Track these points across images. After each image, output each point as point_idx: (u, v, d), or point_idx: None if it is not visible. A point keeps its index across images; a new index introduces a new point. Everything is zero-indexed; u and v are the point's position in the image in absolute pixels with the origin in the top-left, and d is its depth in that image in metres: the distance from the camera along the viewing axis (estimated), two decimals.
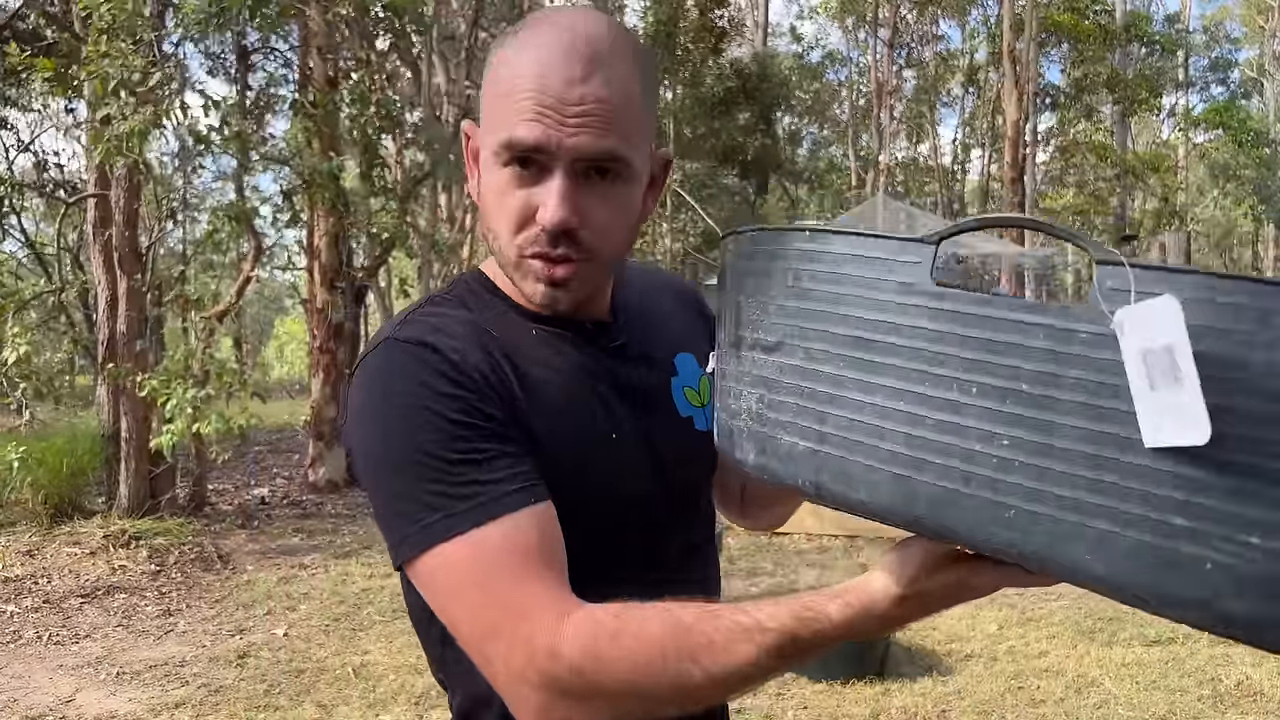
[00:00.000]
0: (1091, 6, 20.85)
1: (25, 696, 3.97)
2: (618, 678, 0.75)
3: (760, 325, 0.75)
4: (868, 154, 25.95)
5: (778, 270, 0.74)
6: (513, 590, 0.78)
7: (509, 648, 0.77)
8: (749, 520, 1.19)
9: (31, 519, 6.50)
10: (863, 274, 0.68)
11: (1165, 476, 0.56)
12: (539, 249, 0.86)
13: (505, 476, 0.81)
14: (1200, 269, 0.56)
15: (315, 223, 8.40)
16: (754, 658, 0.74)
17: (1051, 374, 0.60)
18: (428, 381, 0.82)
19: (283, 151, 6.94)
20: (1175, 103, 29.68)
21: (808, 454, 0.71)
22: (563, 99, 0.82)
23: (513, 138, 0.83)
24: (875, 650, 3.93)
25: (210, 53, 9.11)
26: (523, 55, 0.85)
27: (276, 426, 12.73)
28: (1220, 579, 0.54)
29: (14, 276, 7.65)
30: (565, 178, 0.83)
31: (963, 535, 0.64)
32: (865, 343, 0.67)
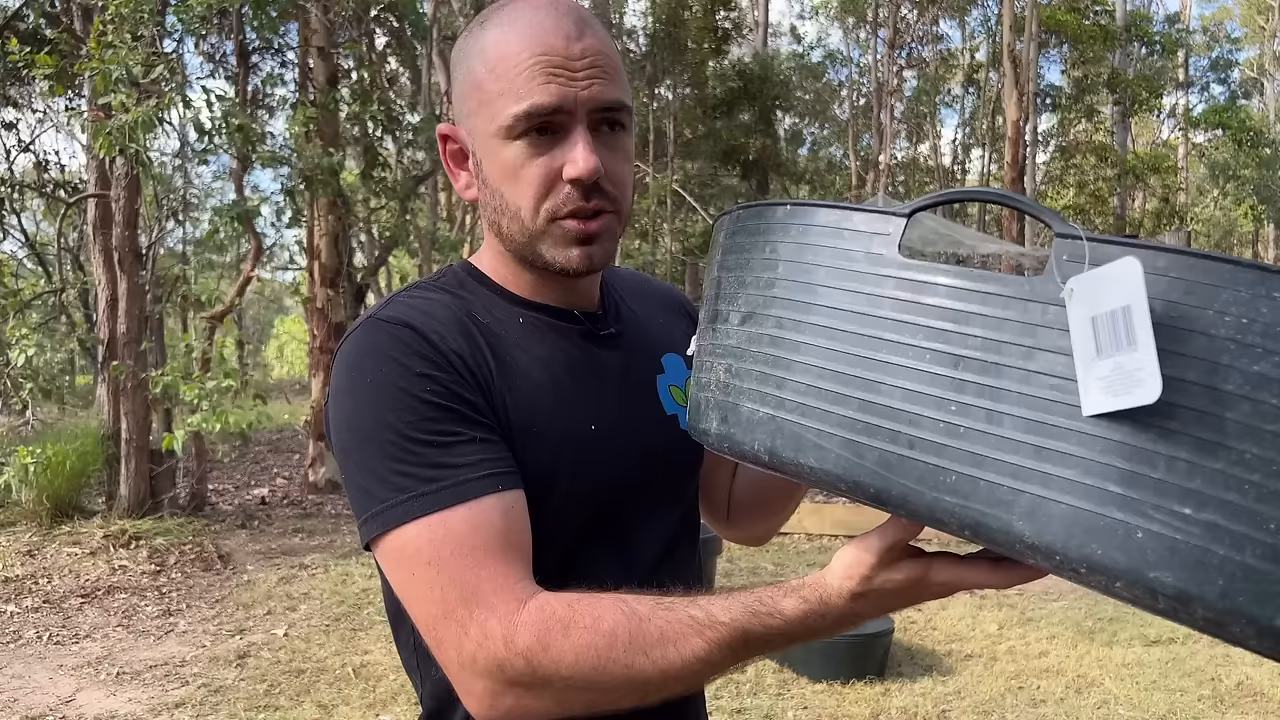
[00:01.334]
0: (1092, 7, 20.85)
1: (25, 696, 3.97)
2: (567, 668, 0.74)
3: (735, 298, 0.76)
4: (868, 154, 25.96)
5: (757, 244, 0.75)
6: (471, 574, 0.77)
7: (461, 631, 0.76)
8: (734, 531, 1.18)
9: (31, 519, 6.50)
10: (835, 245, 0.70)
11: (1109, 445, 0.56)
12: (572, 206, 0.86)
13: (474, 461, 0.80)
14: (1156, 243, 0.57)
15: (315, 222, 8.40)
16: (705, 652, 0.74)
17: (1004, 342, 0.61)
18: (404, 361, 0.82)
19: (283, 149, 6.93)
20: (1175, 103, 29.68)
21: (766, 420, 0.71)
22: (568, 56, 0.84)
23: (532, 105, 0.83)
24: (875, 650, 3.93)
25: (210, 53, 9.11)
26: (509, 33, 0.86)
27: (276, 426, 12.73)
28: (1151, 548, 0.55)
29: (14, 276, 7.63)
30: (586, 130, 0.85)
31: (902, 501, 0.65)
32: (831, 311, 0.69)
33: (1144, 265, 0.56)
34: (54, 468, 6.53)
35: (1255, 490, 0.52)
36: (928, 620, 4.73)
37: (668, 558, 0.97)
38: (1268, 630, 0.53)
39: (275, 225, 7.38)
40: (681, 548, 1.00)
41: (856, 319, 0.67)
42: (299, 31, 8.40)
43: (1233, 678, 3.90)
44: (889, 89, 22.78)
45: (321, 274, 8.58)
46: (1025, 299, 0.61)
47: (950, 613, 4.85)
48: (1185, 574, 0.54)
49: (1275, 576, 0.52)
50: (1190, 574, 0.54)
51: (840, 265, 0.69)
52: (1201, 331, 0.54)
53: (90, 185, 7.43)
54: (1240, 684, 3.85)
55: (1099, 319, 0.57)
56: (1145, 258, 0.56)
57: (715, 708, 3.61)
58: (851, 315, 0.67)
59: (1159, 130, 32.48)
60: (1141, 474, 0.55)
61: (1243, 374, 0.53)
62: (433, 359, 0.83)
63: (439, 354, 0.83)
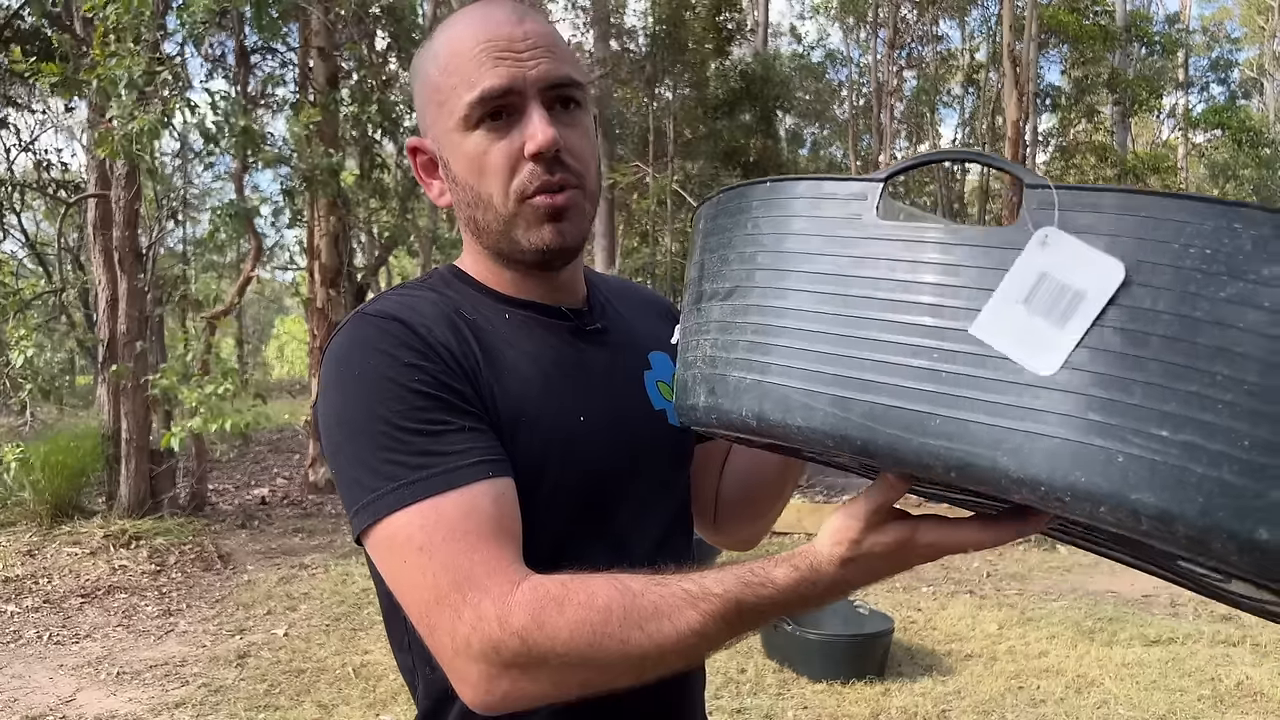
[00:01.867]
0: (1092, 7, 20.85)
1: (25, 696, 3.97)
2: (563, 645, 0.74)
3: (719, 275, 0.78)
4: (868, 154, 25.96)
5: (739, 223, 0.76)
6: (464, 558, 0.77)
7: (455, 615, 0.76)
8: (721, 534, 1.18)
9: (31, 519, 6.50)
10: (815, 214, 0.72)
11: (1086, 376, 0.58)
12: (538, 182, 0.87)
13: (462, 449, 0.81)
14: (1125, 186, 0.61)
15: (315, 223, 8.40)
16: (700, 624, 0.74)
17: (978, 288, 0.63)
18: (391, 352, 0.83)
19: (283, 150, 6.94)
20: (1175, 103, 29.68)
21: (752, 386, 0.73)
22: (512, 39, 0.87)
23: (484, 90, 0.86)
24: (875, 650, 3.93)
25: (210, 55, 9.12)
26: (455, 32, 0.90)
27: (276, 426, 12.73)
28: (1133, 471, 0.56)
29: (14, 276, 7.63)
30: (540, 106, 0.87)
31: (890, 450, 0.66)
32: (813, 275, 0.70)
33: (1116, 204, 0.59)
34: (54, 468, 6.53)
35: (1229, 409, 0.54)
36: (928, 620, 4.73)
37: (661, 551, 0.97)
38: (1247, 545, 0.54)
39: (275, 225, 7.38)
40: (675, 541, 1.01)
41: (839, 280, 0.69)
42: (299, 32, 8.40)
43: (1233, 678, 3.90)
44: (889, 89, 22.78)
45: (322, 274, 8.58)
46: (1001, 246, 0.63)
47: (950, 613, 4.85)
48: (1166, 494, 0.55)
49: (1252, 491, 0.53)
50: (1171, 493, 0.55)
51: (821, 232, 0.71)
52: (1170, 264, 0.57)
53: (90, 185, 7.43)
54: (1240, 684, 3.85)
55: (1050, 280, 0.60)
56: (1114, 200, 0.60)
57: (715, 707, 3.61)
58: (834, 277, 0.69)
59: (1159, 130, 32.48)
60: (1119, 401, 0.57)
61: (1210, 300, 0.55)
62: (420, 349, 0.84)
63: (426, 345, 0.84)
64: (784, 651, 3.98)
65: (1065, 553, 6.18)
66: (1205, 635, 4.44)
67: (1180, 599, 5.11)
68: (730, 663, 3.98)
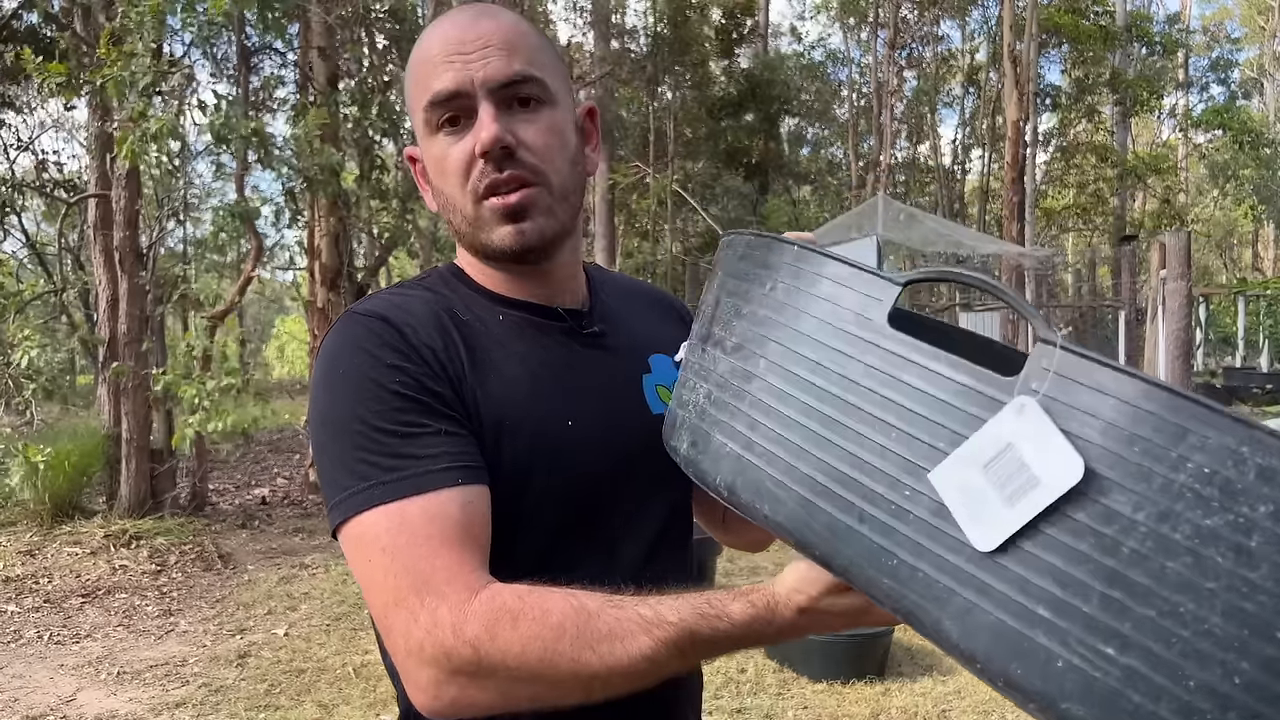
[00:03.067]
0: (1092, 7, 20.85)
1: (26, 696, 3.97)
2: (514, 659, 0.74)
3: (729, 326, 0.77)
4: (868, 154, 25.95)
5: (760, 278, 0.75)
6: (425, 563, 0.77)
7: (411, 618, 0.76)
8: (731, 536, 1.18)
9: (32, 519, 6.50)
10: (832, 300, 0.70)
11: (1046, 568, 0.56)
12: (488, 180, 0.87)
13: (436, 453, 0.81)
14: (1132, 370, 0.56)
15: (316, 223, 8.40)
16: (651, 650, 0.74)
17: (955, 434, 0.60)
18: (374, 353, 0.83)
19: (284, 150, 6.93)
20: (1175, 103, 29.67)
21: (731, 457, 0.72)
22: (462, 40, 0.87)
23: (433, 94, 0.87)
24: (875, 650, 3.93)
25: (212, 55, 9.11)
26: (423, 40, 0.92)
27: (276, 426, 12.73)
28: (1069, 680, 0.55)
29: (14, 277, 7.62)
30: (490, 105, 0.86)
31: (842, 569, 0.66)
32: (814, 366, 0.68)
33: (1121, 391, 0.55)
34: (54, 468, 6.53)
35: (1181, 645, 0.51)
36: None
37: (653, 558, 0.96)
38: None
39: (276, 226, 7.36)
40: (668, 548, 0.99)
41: (837, 380, 0.67)
42: (300, 33, 8.40)
43: None
44: (889, 89, 22.77)
45: (322, 274, 8.57)
46: (993, 398, 0.60)
47: None
48: (1097, 712, 0.54)
49: None
50: (1101, 713, 0.54)
51: (832, 322, 0.69)
52: (1162, 474, 0.53)
53: (90, 185, 7.43)
54: None
55: (1012, 453, 0.57)
56: (1119, 384, 0.55)
57: (715, 707, 3.61)
58: (832, 375, 0.67)
59: (1159, 130, 32.47)
60: (1073, 605, 0.55)
61: (1194, 526, 0.51)
62: (403, 350, 0.84)
63: (410, 346, 0.85)
64: (784, 651, 3.99)
65: None
66: None
67: None
68: (730, 663, 3.98)
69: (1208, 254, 29.30)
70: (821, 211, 23.87)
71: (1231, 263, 30.88)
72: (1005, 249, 12.88)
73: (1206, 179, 28.30)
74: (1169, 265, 6.52)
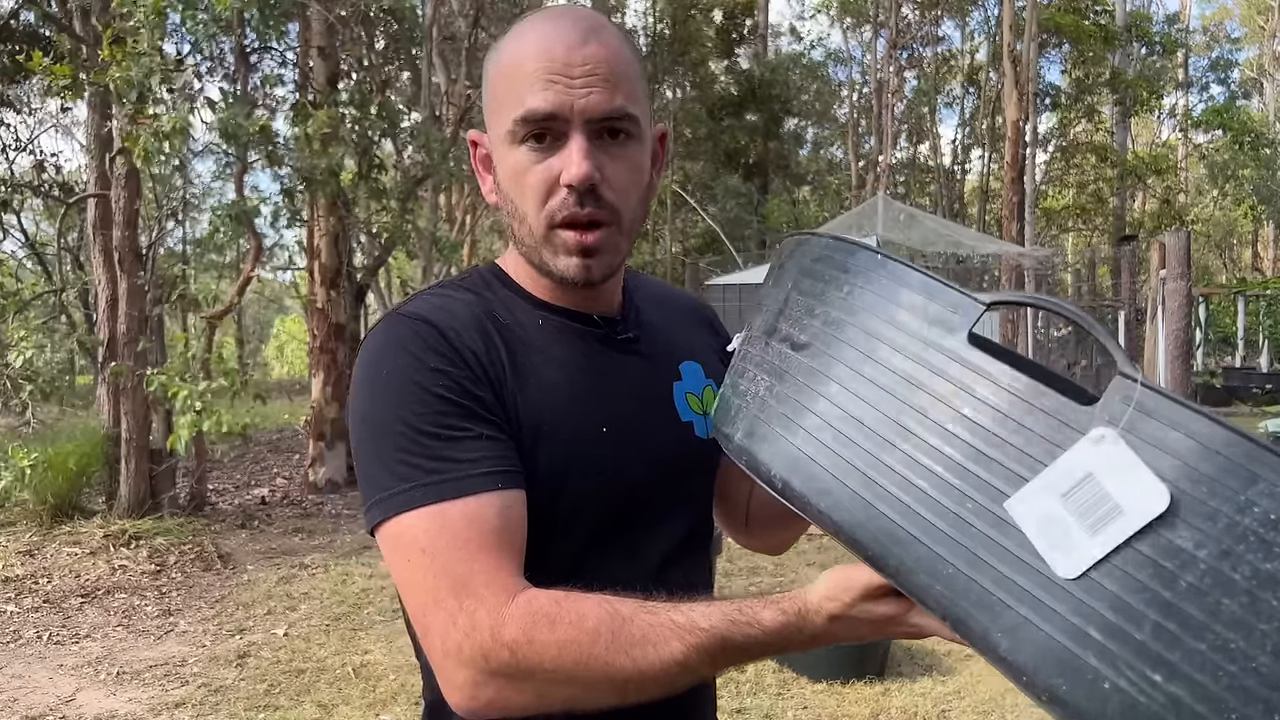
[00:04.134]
0: (1092, 7, 20.85)
1: (25, 696, 3.97)
2: (551, 661, 0.76)
3: (799, 323, 0.77)
4: (868, 154, 25.95)
5: (837, 281, 0.76)
6: (463, 565, 0.79)
7: (450, 620, 0.78)
8: (752, 540, 1.19)
9: (31, 519, 6.50)
10: (911, 309, 0.70)
11: (1103, 593, 0.57)
12: (567, 213, 0.87)
13: (477, 457, 0.82)
14: (1210, 412, 0.57)
15: (315, 223, 8.40)
16: (684, 656, 0.75)
17: (1033, 458, 0.61)
18: (418, 355, 0.84)
19: (284, 150, 6.93)
20: (1175, 103, 29.68)
21: (789, 451, 0.72)
22: (568, 63, 0.85)
23: (527, 110, 0.85)
24: (875, 650, 3.93)
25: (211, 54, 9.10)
26: (523, 40, 0.89)
27: (276, 426, 12.73)
28: (1113, 701, 0.56)
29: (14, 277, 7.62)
30: (583, 138, 0.86)
31: (895, 573, 0.66)
32: (888, 373, 0.69)
33: (1195, 430, 0.56)
34: (54, 468, 6.53)
35: (1228, 679, 0.53)
36: None
37: (676, 561, 0.98)
38: None
39: (275, 226, 7.37)
40: (691, 552, 1.01)
41: (909, 388, 0.68)
42: (299, 32, 8.40)
43: None
44: (890, 89, 22.77)
45: (321, 274, 8.57)
46: (1065, 423, 0.61)
47: None
48: None
49: None
50: None
51: (911, 332, 0.69)
52: (1228, 514, 0.54)
53: (90, 185, 7.43)
54: None
55: (1094, 484, 0.58)
56: (1194, 423, 0.57)
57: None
58: (906, 383, 0.68)
59: (1159, 130, 32.47)
60: (1125, 630, 0.56)
61: (1253, 568, 0.53)
62: (447, 354, 0.85)
63: (454, 350, 0.85)
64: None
65: None
66: None
67: None
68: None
69: (1208, 254, 29.30)
70: (821, 211, 23.87)
71: (1231, 263, 30.88)
72: (1005, 249, 12.88)
73: (1206, 179, 28.29)
74: (1169, 265, 6.52)
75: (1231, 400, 14.05)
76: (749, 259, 13.25)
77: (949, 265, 13.30)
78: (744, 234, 20.08)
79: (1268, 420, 9.74)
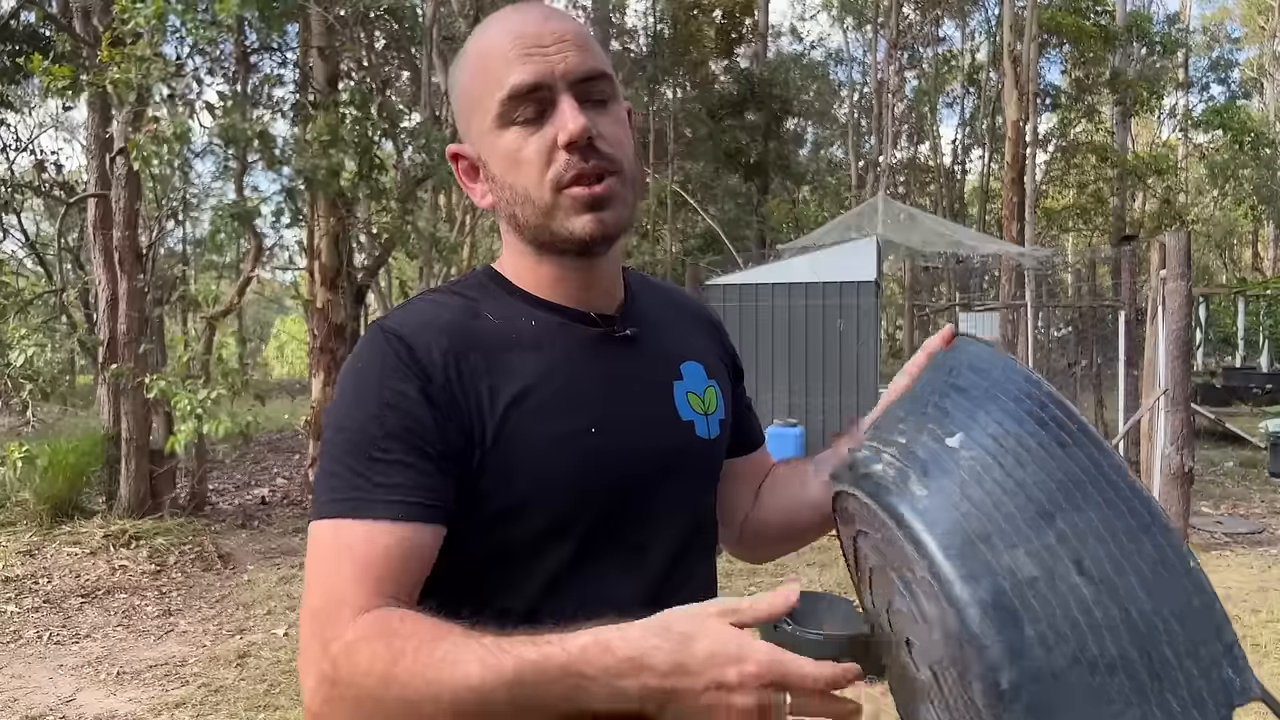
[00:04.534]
0: (1093, 8, 20.85)
1: (25, 696, 3.97)
2: (360, 678, 0.75)
3: (954, 424, 0.73)
4: (868, 154, 25.96)
5: (989, 398, 0.72)
6: (338, 580, 0.81)
7: (310, 628, 0.80)
8: (744, 551, 1.18)
9: (31, 519, 6.50)
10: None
11: None
12: (574, 171, 0.88)
13: (393, 484, 0.83)
14: None
15: (315, 223, 8.40)
16: (479, 679, 0.71)
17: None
18: (380, 374, 0.86)
19: (285, 151, 6.93)
20: (1175, 103, 29.67)
21: (932, 507, 0.68)
22: (539, 35, 0.88)
23: (512, 87, 0.87)
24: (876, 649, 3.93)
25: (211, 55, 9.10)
26: (486, 36, 0.91)
27: (276, 426, 12.73)
28: None
29: (14, 276, 7.61)
30: (571, 97, 0.87)
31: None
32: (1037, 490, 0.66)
33: None
34: (54, 468, 6.53)
35: None
36: None
37: (678, 563, 0.96)
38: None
39: (275, 226, 7.36)
40: (694, 555, 0.99)
41: (1048, 509, 0.65)
42: (299, 32, 8.40)
43: None
44: (890, 89, 22.76)
45: (322, 274, 8.57)
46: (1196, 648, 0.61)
47: None
48: None
49: None
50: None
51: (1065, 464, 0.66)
52: None
53: (90, 185, 7.43)
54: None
55: None
56: None
57: None
58: (1046, 503, 0.65)
59: (1159, 130, 32.44)
60: None
61: None
62: (411, 374, 0.85)
63: (420, 369, 0.86)
64: None
65: None
66: None
67: None
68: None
69: (1208, 254, 29.30)
70: (821, 211, 23.87)
71: (1231, 263, 30.87)
72: (1005, 249, 12.87)
73: (1206, 179, 28.30)
74: (1169, 265, 6.51)
75: (1231, 400, 14.05)
76: (749, 259, 13.24)
77: (949, 265, 13.29)
78: (744, 234, 20.08)
79: (1268, 420, 9.73)
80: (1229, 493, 8.49)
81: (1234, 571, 5.76)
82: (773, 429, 8.92)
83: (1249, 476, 9.22)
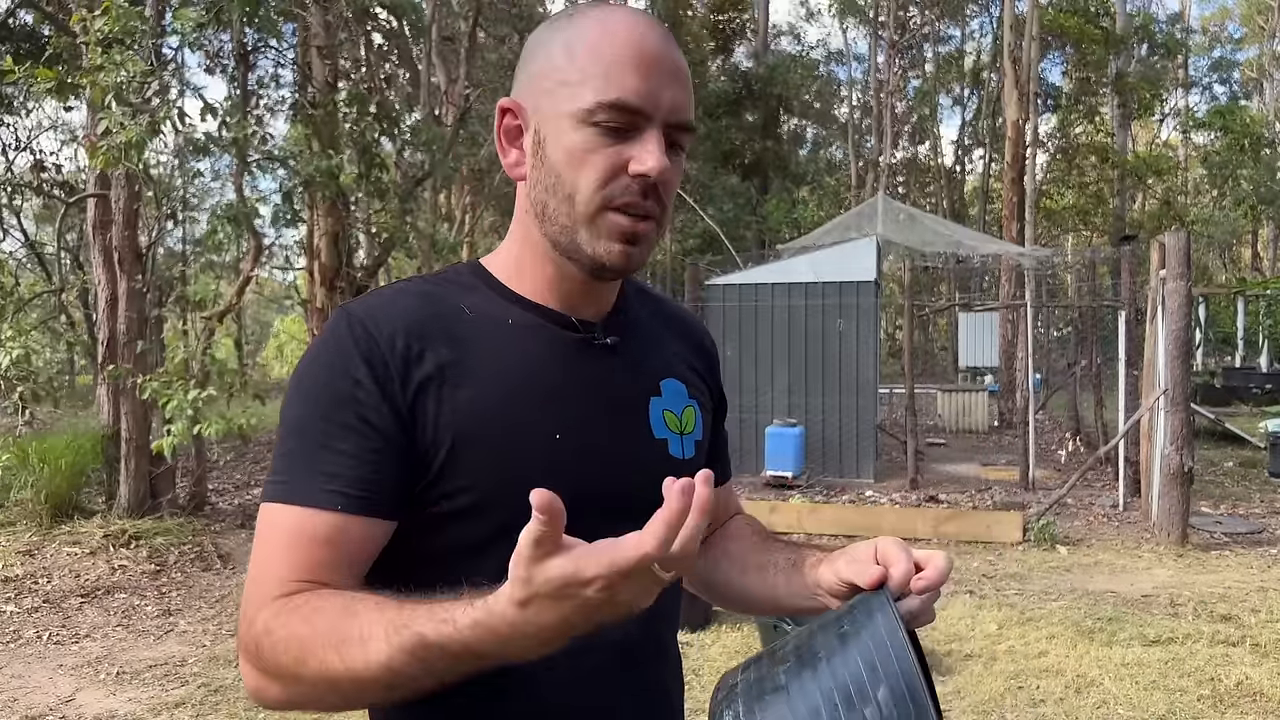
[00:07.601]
0: (1096, 11, 20.85)
1: (25, 696, 3.97)
2: (281, 655, 0.76)
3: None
4: (868, 154, 25.94)
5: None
6: (274, 561, 0.82)
7: (247, 606, 0.82)
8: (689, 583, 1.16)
9: (31, 519, 6.50)
10: None
11: None
12: (629, 199, 0.87)
13: (334, 473, 0.83)
14: None
15: (315, 223, 8.41)
16: (387, 656, 0.71)
17: None
18: (337, 359, 0.86)
19: (282, 152, 6.93)
20: (1175, 103, 29.67)
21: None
22: (660, 61, 0.87)
23: (619, 97, 0.85)
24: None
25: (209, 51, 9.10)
26: (606, 27, 0.88)
27: (276, 426, 12.73)
28: None
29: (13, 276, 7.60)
30: (660, 136, 0.86)
31: None
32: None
33: None
34: (54, 468, 6.53)
35: None
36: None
37: None
38: None
39: (274, 226, 7.36)
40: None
41: None
42: (298, 32, 8.40)
43: (1232, 677, 3.90)
44: (890, 89, 22.76)
45: (321, 274, 8.58)
46: None
47: (950, 612, 4.85)
48: None
49: None
50: None
51: None
52: None
53: (90, 185, 7.43)
54: (1240, 684, 3.85)
55: None
56: None
57: (702, 705, 3.60)
58: None
59: (1158, 130, 32.45)
60: None
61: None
62: (369, 361, 0.85)
63: (379, 357, 0.85)
64: None
65: (1065, 553, 6.18)
66: (1205, 635, 4.44)
67: (1180, 599, 5.11)
68: (730, 663, 3.98)
69: (1208, 254, 29.28)
70: (820, 211, 23.86)
71: (1231, 263, 30.86)
72: (1005, 249, 12.87)
73: (1206, 179, 28.28)
74: (1169, 265, 6.51)
75: (1231, 400, 14.05)
76: (749, 259, 13.23)
77: (949, 265, 13.28)
78: (743, 234, 20.07)
79: (1268, 420, 9.73)
80: (1229, 493, 8.50)
81: (1234, 571, 5.77)
82: (773, 428, 8.92)
83: (1248, 476, 9.23)
